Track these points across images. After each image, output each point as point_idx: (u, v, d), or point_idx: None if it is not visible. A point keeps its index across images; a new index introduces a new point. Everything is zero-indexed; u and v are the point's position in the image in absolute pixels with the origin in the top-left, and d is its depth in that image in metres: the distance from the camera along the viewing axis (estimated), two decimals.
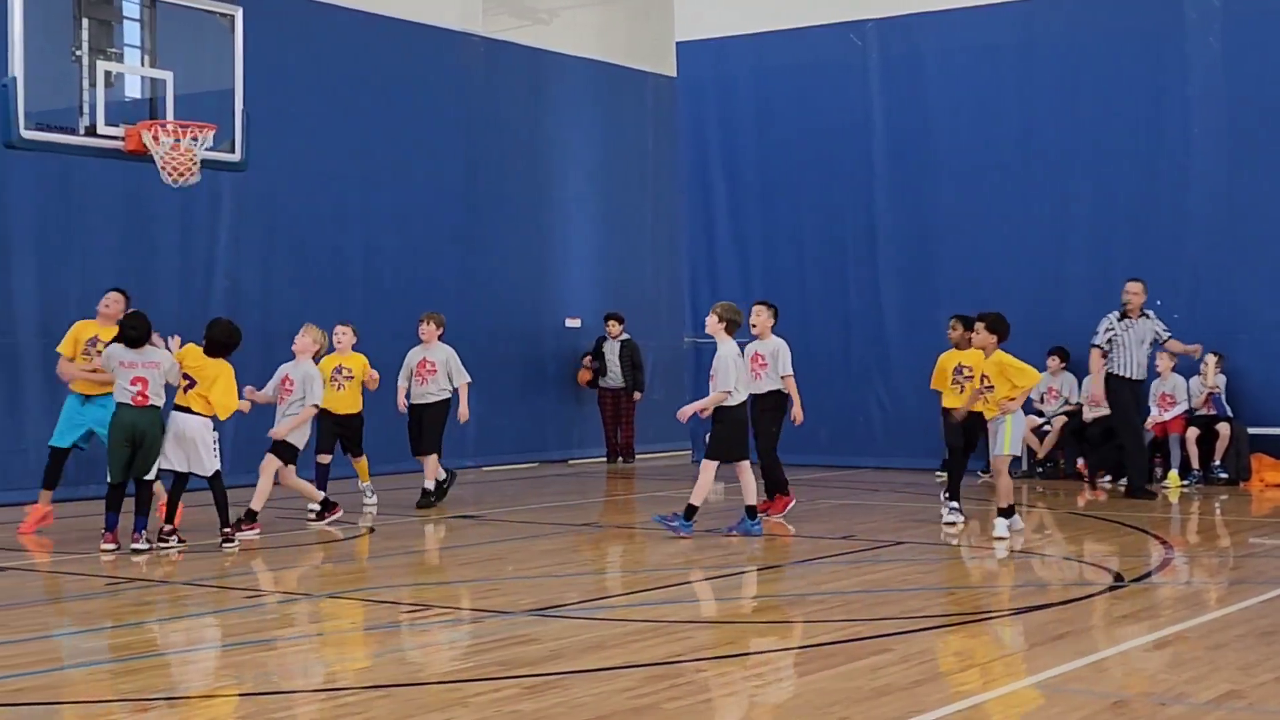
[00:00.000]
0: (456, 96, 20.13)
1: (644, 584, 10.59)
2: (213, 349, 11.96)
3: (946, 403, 13.64)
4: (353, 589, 10.46)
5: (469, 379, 15.01)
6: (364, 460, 14.90)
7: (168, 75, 13.38)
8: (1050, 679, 7.32)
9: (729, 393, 12.79)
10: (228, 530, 11.93)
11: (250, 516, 12.73)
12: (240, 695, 7.27)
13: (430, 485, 14.91)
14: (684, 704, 6.92)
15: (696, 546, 12.54)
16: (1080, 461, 17.47)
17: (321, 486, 14.16)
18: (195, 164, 13.02)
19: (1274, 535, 13.46)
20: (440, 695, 7.13)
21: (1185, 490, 16.52)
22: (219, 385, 11.89)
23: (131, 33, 13.31)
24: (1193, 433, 16.87)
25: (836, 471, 18.95)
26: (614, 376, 20.75)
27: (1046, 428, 17.80)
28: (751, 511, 12.90)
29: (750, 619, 9.24)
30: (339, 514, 13.65)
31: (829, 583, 10.46)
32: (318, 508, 13.65)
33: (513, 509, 15.15)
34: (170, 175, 12.94)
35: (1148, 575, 10.75)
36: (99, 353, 12.32)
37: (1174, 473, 16.93)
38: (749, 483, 12.97)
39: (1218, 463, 16.88)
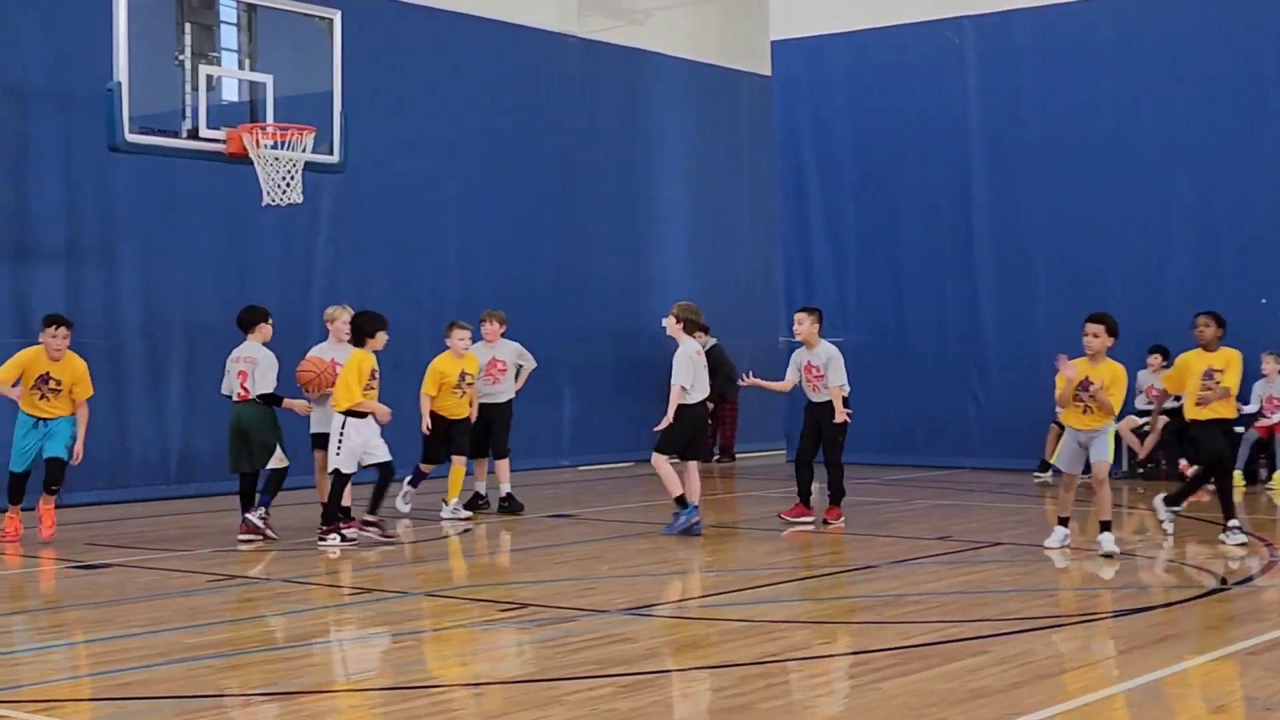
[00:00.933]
0: (552, 97, 20.21)
1: (739, 584, 10.58)
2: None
3: (1190, 409, 12.50)
4: (449, 588, 10.53)
5: (536, 364, 15.02)
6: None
7: (268, 79, 13.55)
8: (1150, 683, 7.23)
9: (684, 389, 12.75)
10: (369, 517, 12.38)
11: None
12: (343, 690, 7.34)
13: (509, 488, 14.62)
14: (779, 704, 6.91)
15: (788, 547, 12.52)
16: (1182, 462, 17.22)
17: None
18: (296, 180, 13.21)
19: None
20: (537, 693, 7.17)
21: None
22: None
23: (231, 37, 13.50)
24: None
25: (932, 471, 18.83)
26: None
27: (1146, 428, 17.57)
28: (681, 501, 12.84)
29: (846, 619, 9.20)
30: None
31: (926, 584, 10.40)
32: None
33: (607, 508, 15.19)
34: (270, 197, 13.13)
35: (1251, 578, 10.59)
36: (52, 390, 12.37)
37: (1279, 474, 16.66)
38: (692, 482, 12.97)
39: None
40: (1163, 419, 17.36)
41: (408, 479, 14.27)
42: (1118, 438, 17.71)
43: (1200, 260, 17.98)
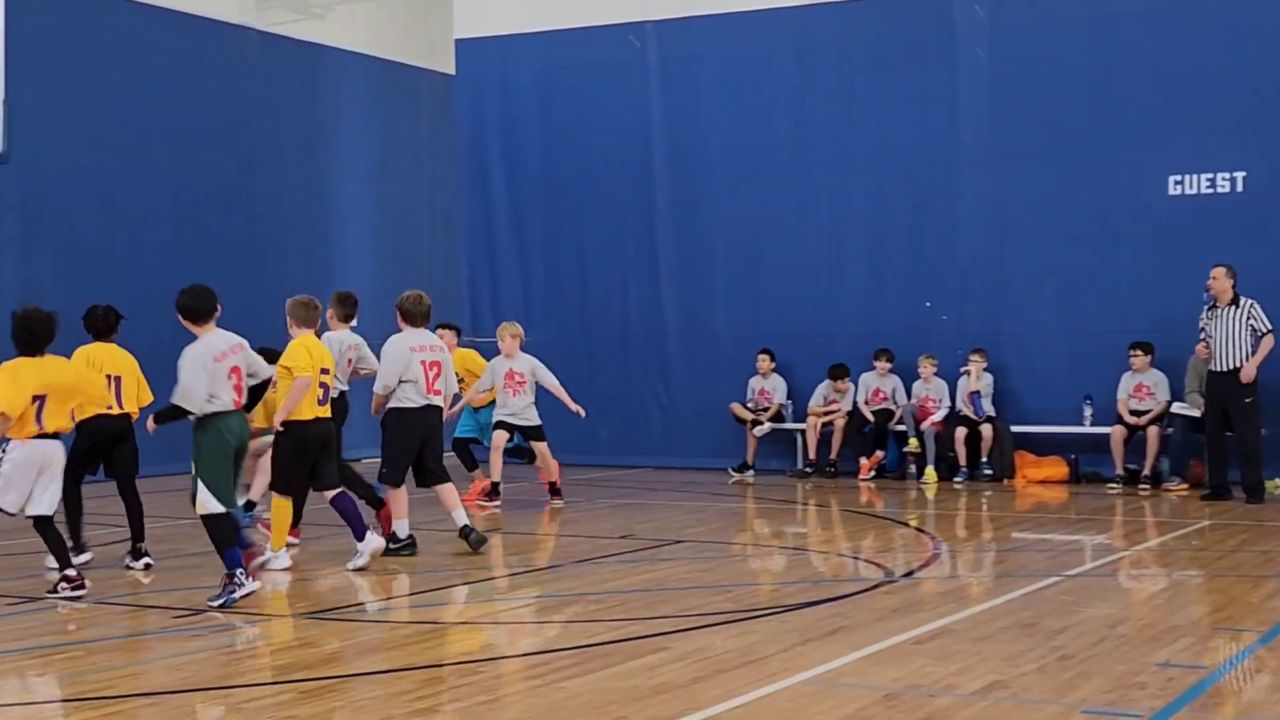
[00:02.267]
0: (231, 90, 19.73)
1: (421, 585, 10.49)
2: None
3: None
4: (121, 594, 10.18)
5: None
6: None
7: None
8: (824, 673, 7.45)
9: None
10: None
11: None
12: (10, 704, 7.03)
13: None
14: (463, 705, 6.88)
15: (462, 555, 12.49)
16: (864, 461, 17.83)
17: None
18: None
19: (1035, 530, 13.93)
20: (215, 701, 6.98)
21: (957, 486, 17.00)
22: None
23: None
24: (960, 432, 17.34)
25: (616, 471, 19.04)
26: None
27: (829, 426, 18.15)
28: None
29: (528, 619, 9.22)
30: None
31: (608, 582, 10.50)
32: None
33: None
34: None
35: (916, 570, 11.02)
36: None
37: (931, 469, 17.46)
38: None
39: (984, 460, 17.41)
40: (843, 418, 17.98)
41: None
42: (793, 436, 18.29)
43: (871, 263, 18.61)
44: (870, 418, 17.82)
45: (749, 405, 18.55)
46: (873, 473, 17.69)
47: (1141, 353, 16.78)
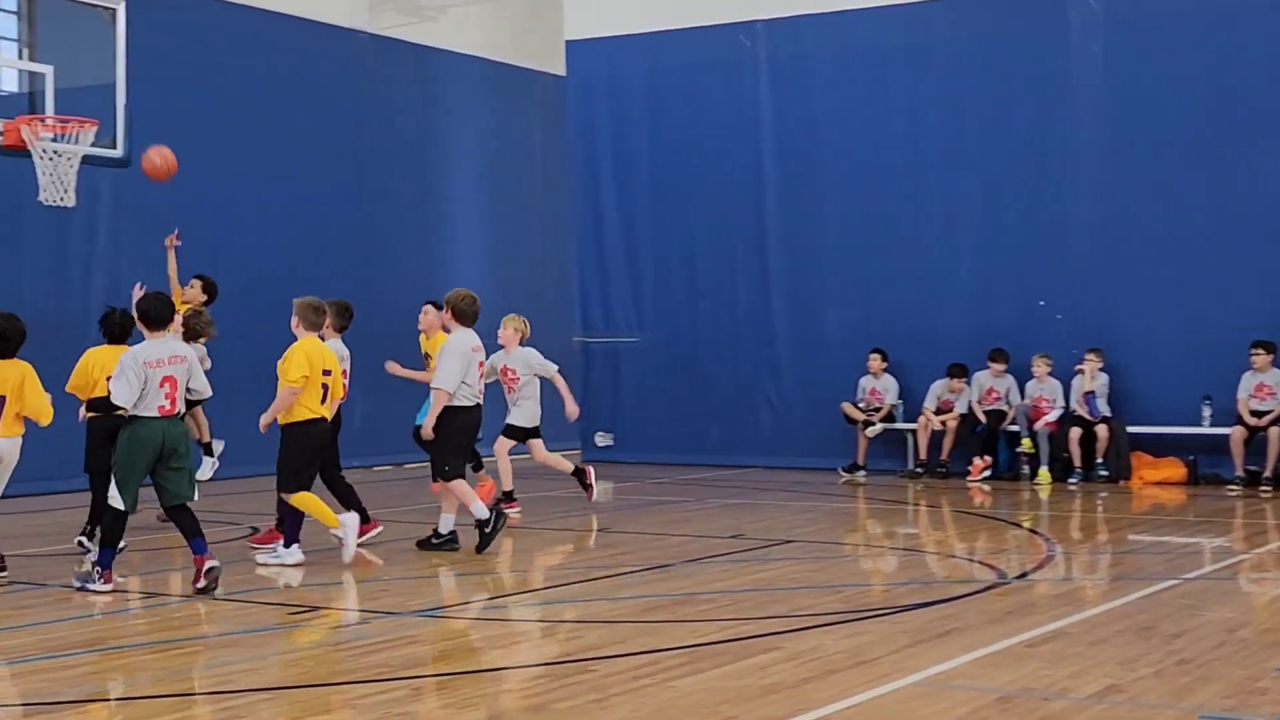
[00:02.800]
0: (344, 93, 19.96)
1: (532, 584, 10.55)
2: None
3: None
4: (235, 591, 10.33)
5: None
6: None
7: (48, 69, 13.15)
8: (936, 675, 7.39)
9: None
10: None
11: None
12: (128, 698, 7.15)
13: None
14: (573, 704, 6.90)
15: (583, 546, 12.53)
16: (976, 461, 17.66)
17: None
18: (71, 180, 12.82)
19: (1152, 532, 13.72)
20: (328, 697, 7.06)
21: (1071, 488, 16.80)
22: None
23: (10, 26, 13.11)
24: (1074, 432, 17.12)
25: (725, 471, 19.02)
26: None
27: (942, 426, 18.02)
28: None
29: (639, 618, 9.24)
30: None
31: (718, 582, 10.49)
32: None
33: (401, 509, 14.98)
34: (47, 195, 12.74)
35: (1030, 572, 10.89)
36: None
37: (1044, 470, 17.25)
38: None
39: (1100, 461, 17.18)
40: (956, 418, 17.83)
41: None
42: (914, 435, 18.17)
43: (983, 261, 18.44)
44: (983, 418, 17.65)
45: (860, 405, 18.45)
46: (984, 473, 17.53)
47: (1263, 352, 16.48)
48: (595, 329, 20.96)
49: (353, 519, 11.29)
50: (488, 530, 11.54)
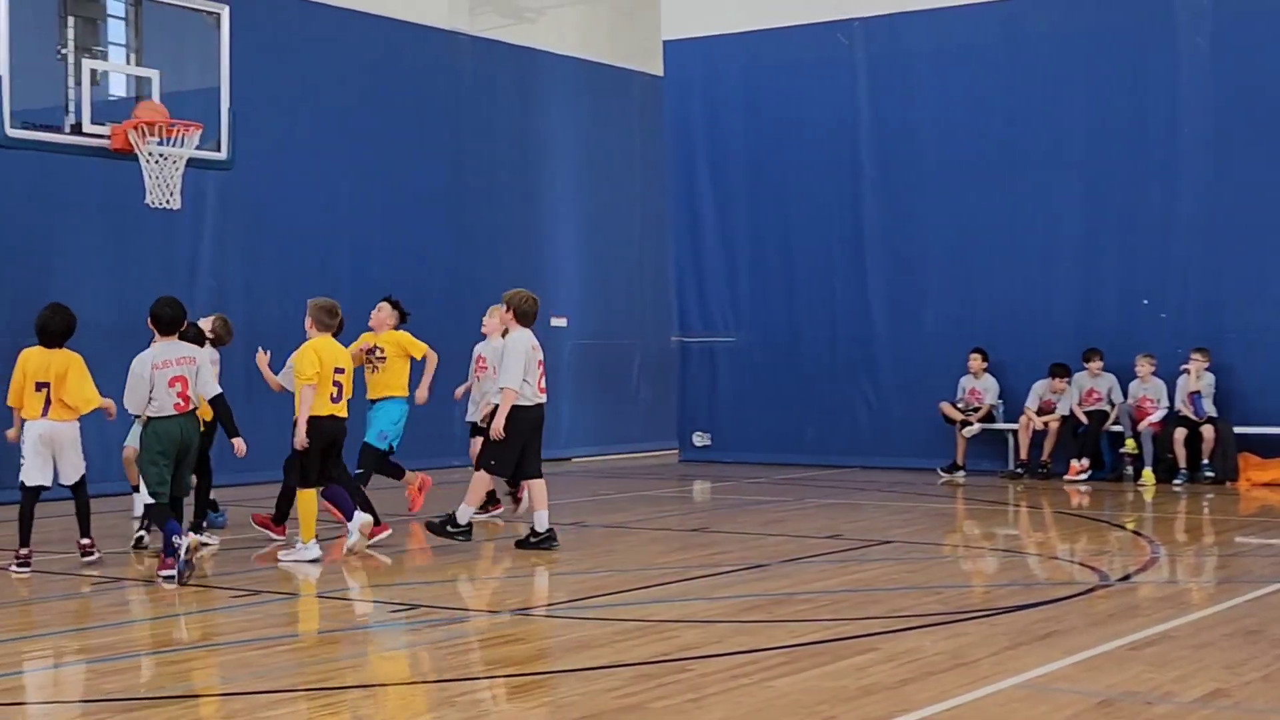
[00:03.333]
0: (444, 95, 20.12)
1: (629, 583, 10.57)
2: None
3: None
4: (338, 589, 10.43)
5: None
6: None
7: (154, 74, 13.36)
8: (1036, 678, 7.32)
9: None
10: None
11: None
12: (231, 693, 7.25)
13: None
14: (671, 703, 6.91)
15: (680, 546, 12.54)
16: (1073, 463, 17.47)
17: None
18: (177, 182, 13.03)
19: (1260, 534, 13.49)
20: (428, 695, 7.12)
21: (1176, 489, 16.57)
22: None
23: (117, 31, 13.30)
24: (1179, 433, 16.89)
25: (823, 471, 18.95)
26: None
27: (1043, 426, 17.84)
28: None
29: (737, 618, 9.23)
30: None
31: (816, 582, 10.46)
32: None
33: (500, 509, 15.05)
34: (153, 197, 12.96)
35: (1133, 575, 10.76)
36: None
37: (1148, 471, 17.04)
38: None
39: (1205, 462, 16.93)
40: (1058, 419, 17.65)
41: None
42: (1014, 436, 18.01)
43: (1085, 261, 18.24)
44: (1084, 419, 17.46)
45: (959, 405, 18.31)
46: (1084, 475, 17.33)
47: None
48: (692, 329, 20.96)
49: (361, 520, 11.57)
50: (461, 539, 11.92)
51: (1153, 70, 17.89)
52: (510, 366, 11.70)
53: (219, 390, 10.84)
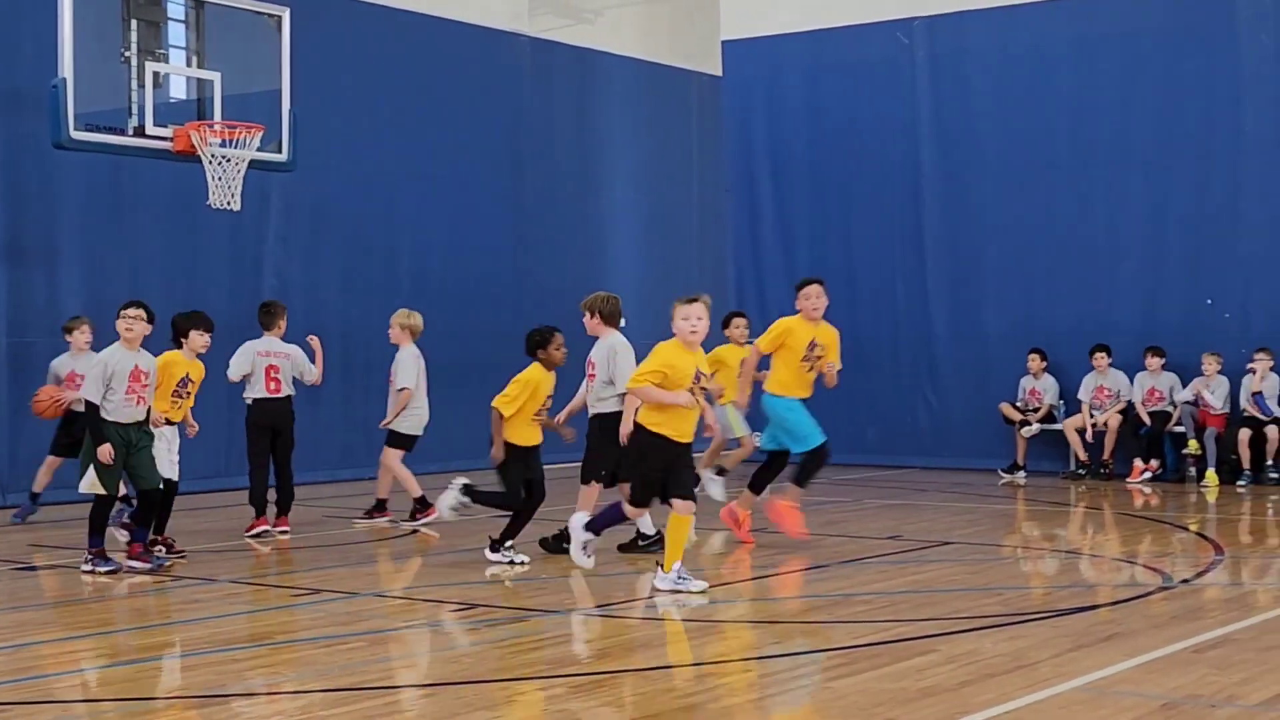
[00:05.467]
0: (503, 96, 20.17)
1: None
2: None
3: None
4: (398, 588, 10.47)
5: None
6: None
7: (215, 76, 13.48)
8: (1098, 681, 7.27)
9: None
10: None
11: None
12: (293, 691, 7.31)
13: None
14: (729, 704, 6.91)
15: (738, 546, 12.52)
16: (1137, 462, 17.33)
17: None
18: (238, 185, 13.19)
19: None
20: (489, 693, 7.16)
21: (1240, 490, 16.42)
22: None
23: (179, 34, 13.43)
24: (1244, 434, 16.73)
25: (883, 471, 18.89)
26: None
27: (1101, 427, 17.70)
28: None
29: (796, 619, 9.21)
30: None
31: (875, 583, 10.43)
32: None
33: (555, 508, 15.08)
34: (216, 198, 13.11)
35: (1196, 577, 10.67)
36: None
37: (1211, 471, 16.88)
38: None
39: (1270, 463, 16.76)
40: (1117, 418, 17.50)
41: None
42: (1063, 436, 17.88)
43: (1149, 261, 18.10)
44: (1147, 419, 17.32)
45: (1019, 405, 18.20)
46: (1145, 475, 17.19)
47: None
48: (752, 329, 20.87)
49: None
50: (642, 544, 11.63)
51: (1217, 69, 17.72)
52: (629, 367, 11.26)
53: None
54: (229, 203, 13.27)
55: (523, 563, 10.99)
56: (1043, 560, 12.09)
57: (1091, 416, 17.62)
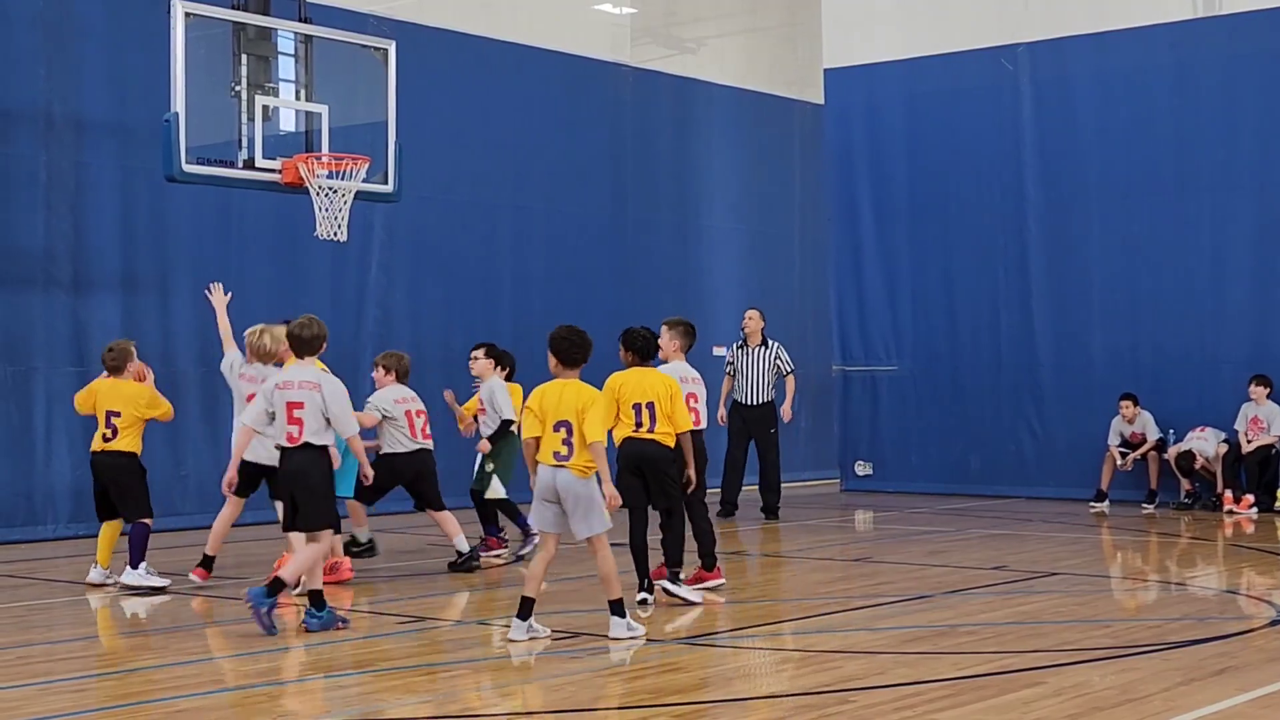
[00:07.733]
0: (605, 126, 20.28)
1: (792, 613, 10.52)
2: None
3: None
4: (500, 616, 10.53)
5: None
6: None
7: (323, 109, 13.65)
8: (1209, 715, 7.15)
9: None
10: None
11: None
12: (395, 718, 7.36)
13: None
14: None
15: (842, 576, 12.46)
16: (1227, 494, 17.01)
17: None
18: (344, 217, 13.32)
19: None
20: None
21: None
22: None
23: (288, 68, 13.61)
24: None
25: (987, 501, 18.71)
26: None
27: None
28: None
29: (900, 649, 9.14)
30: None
31: (980, 614, 10.32)
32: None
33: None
34: (323, 230, 13.25)
35: None
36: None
37: None
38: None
39: None
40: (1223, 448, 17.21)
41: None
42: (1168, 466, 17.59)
43: (1258, 287, 17.82)
44: (1249, 447, 16.96)
45: (1121, 449, 17.89)
46: (1253, 508, 16.84)
47: None
48: (854, 358, 20.85)
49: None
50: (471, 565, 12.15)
51: None
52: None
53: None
54: (336, 234, 13.43)
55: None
56: (1151, 591, 11.90)
57: (1167, 448, 17.48)
